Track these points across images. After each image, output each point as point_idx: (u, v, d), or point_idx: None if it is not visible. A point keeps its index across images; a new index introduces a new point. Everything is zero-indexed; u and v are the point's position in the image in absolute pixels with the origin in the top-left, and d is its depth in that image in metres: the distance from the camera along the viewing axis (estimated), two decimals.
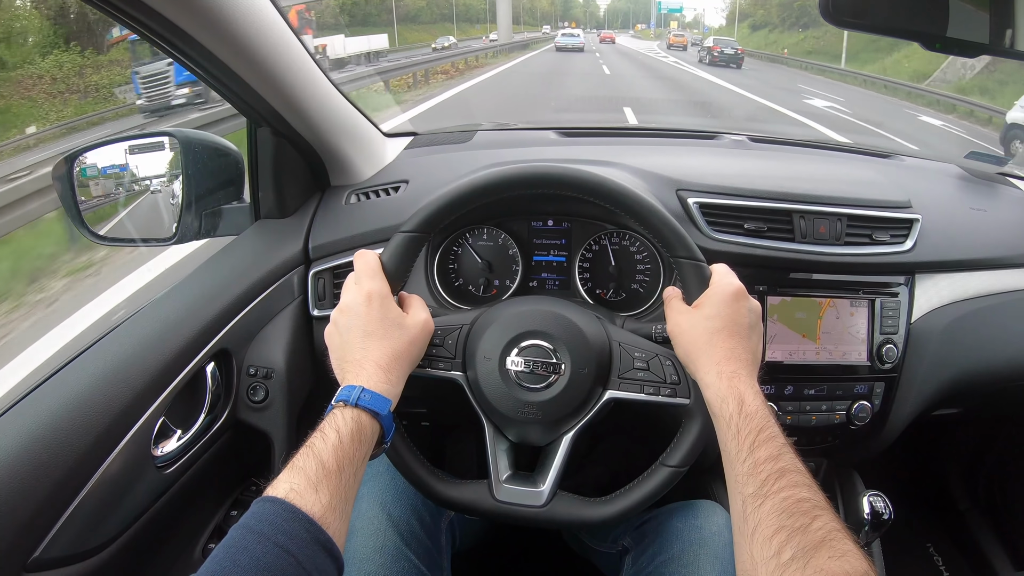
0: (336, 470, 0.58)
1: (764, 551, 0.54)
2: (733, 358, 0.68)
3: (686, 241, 0.76)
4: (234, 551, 0.51)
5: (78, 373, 0.75)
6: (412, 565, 0.79)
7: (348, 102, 1.07)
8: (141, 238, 1.08)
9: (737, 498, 0.61)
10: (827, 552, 0.52)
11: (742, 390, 0.65)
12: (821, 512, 0.55)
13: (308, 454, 0.59)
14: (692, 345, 0.71)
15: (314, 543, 0.53)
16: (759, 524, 0.56)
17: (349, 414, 0.62)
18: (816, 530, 0.54)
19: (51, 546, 0.66)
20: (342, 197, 1.09)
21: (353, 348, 0.69)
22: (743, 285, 0.73)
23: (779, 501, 0.56)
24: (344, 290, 0.74)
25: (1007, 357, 1.09)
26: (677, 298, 0.77)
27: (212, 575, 0.49)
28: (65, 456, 0.66)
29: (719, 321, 0.70)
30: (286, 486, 0.56)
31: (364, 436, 0.63)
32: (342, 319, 0.71)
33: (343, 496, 0.58)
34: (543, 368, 0.75)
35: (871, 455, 1.11)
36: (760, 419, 0.63)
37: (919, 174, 1.35)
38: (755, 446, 0.61)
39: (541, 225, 1.07)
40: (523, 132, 1.44)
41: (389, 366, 0.68)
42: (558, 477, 0.76)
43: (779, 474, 0.58)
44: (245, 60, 0.83)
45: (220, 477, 1.00)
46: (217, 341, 0.88)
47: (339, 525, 0.57)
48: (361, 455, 0.62)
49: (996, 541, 1.47)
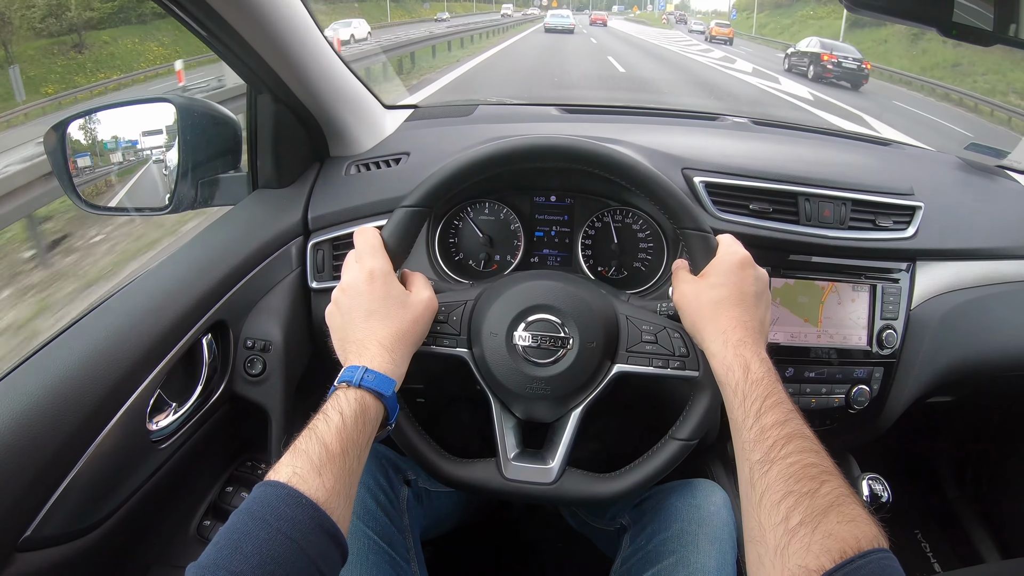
0: (340, 453, 0.57)
1: (772, 516, 0.54)
2: (739, 326, 0.67)
3: (692, 212, 0.75)
4: (237, 537, 0.50)
5: (71, 345, 0.72)
6: (372, 542, 0.78)
7: (350, 72, 1.05)
8: (135, 207, 1.06)
9: (744, 465, 0.60)
10: (836, 516, 0.51)
11: (748, 357, 0.65)
12: (829, 477, 0.55)
13: (311, 437, 0.57)
14: (698, 314, 0.70)
15: (318, 529, 0.52)
16: (767, 490, 0.55)
17: (352, 395, 0.61)
18: (824, 495, 0.53)
19: (43, 524, 0.64)
20: (342, 168, 1.07)
21: (355, 328, 0.68)
22: (749, 254, 0.72)
23: (786, 466, 0.56)
24: (345, 268, 0.72)
25: (1002, 346, 1.10)
26: (684, 269, 0.76)
27: (214, 563, 0.48)
28: (57, 431, 0.64)
29: (725, 290, 0.70)
30: (288, 470, 0.54)
31: (368, 418, 0.61)
32: (343, 299, 0.70)
33: (347, 480, 0.57)
34: (551, 342, 0.74)
35: (868, 439, 1.12)
36: (767, 385, 0.62)
37: (920, 163, 1.35)
38: (761, 412, 0.60)
39: (544, 200, 1.06)
40: (524, 108, 1.43)
41: (393, 346, 0.67)
42: (567, 454, 0.76)
43: (786, 439, 0.58)
44: (249, 21, 0.81)
45: (216, 452, 0.98)
46: (214, 312, 0.86)
47: (343, 510, 0.56)
48: (365, 437, 0.61)
49: (983, 529, 1.49)
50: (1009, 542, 1.44)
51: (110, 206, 1.03)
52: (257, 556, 0.49)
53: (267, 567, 0.48)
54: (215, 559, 0.49)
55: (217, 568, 0.48)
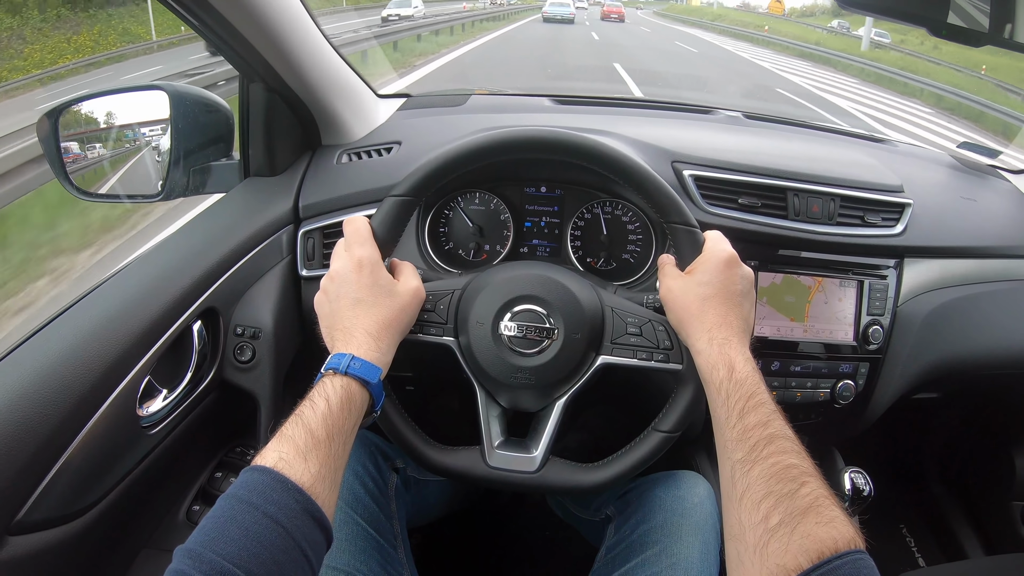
0: (325, 439, 0.58)
1: (752, 516, 0.55)
2: (725, 324, 0.68)
3: (680, 207, 0.75)
4: (223, 521, 0.51)
5: (62, 330, 0.73)
6: (360, 528, 0.79)
7: (342, 60, 1.05)
8: (127, 195, 1.06)
9: (726, 463, 0.61)
10: (814, 518, 0.53)
11: (732, 356, 0.65)
12: (809, 478, 0.56)
13: (297, 423, 0.58)
14: (684, 311, 0.71)
15: (303, 513, 0.53)
16: (747, 489, 0.57)
17: (339, 382, 0.62)
18: (804, 496, 0.54)
19: (34, 508, 0.65)
20: (333, 156, 1.07)
21: (343, 316, 0.68)
22: (735, 252, 0.73)
23: (767, 467, 0.57)
24: (334, 257, 0.73)
25: (988, 345, 1.10)
26: (671, 264, 0.77)
27: (200, 546, 0.49)
28: (49, 416, 0.65)
29: (711, 288, 0.70)
30: (275, 455, 0.55)
31: (354, 405, 0.62)
32: (332, 286, 0.71)
33: (332, 466, 0.58)
34: (536, 333, 0.75)
35: (853, 434, 1.13)
36: (750, 385, 0.63)
37: (911, 160, 1.35)
38: (744, 412, 0.61)
39: (534, 191, 1.06)
40: (517, 98, 1.43)
41: (379, 334, 0.67)
42: (550, 443, 0.77)
43: (767, 440, 0.59)
44: (241, 10, 0.81)
45: (205, 438, 0.99)
46: (204, 299, 0.87)
47: (328, 495, 0.56)
48: (351, 424, 0.62)
49: (968, 524, 1.50)
50: (993, 538, 1.46)
51: (102, 193, 1.04)
52: (243, 539, 0.49)
53: (253, 550, 0.49)
54: (202, 542, 0.49)
55: (204, 551, 0.48)
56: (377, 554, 0.78)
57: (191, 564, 0.47)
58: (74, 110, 0.98)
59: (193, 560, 0.48)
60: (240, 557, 0.48)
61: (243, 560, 0.48)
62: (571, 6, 25.90)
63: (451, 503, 1.13)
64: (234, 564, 0.47)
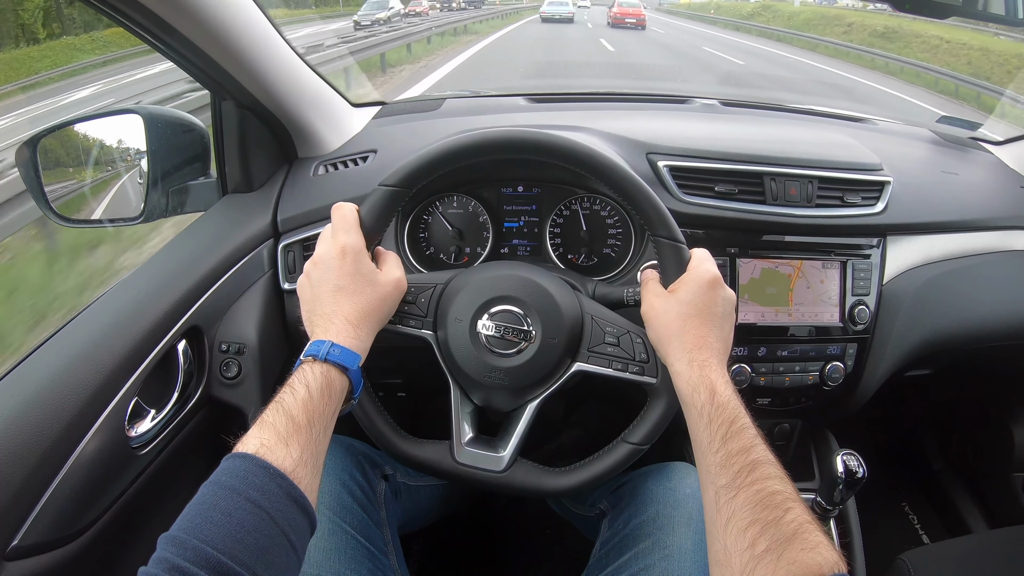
0: (306, 424, 0.58)
1: (738, 543, 0.56)
2: (704, 346, 0.69)
3: (668, 221, 0.75)
4: (205, 508, 0.51)
5: (47, 358, 0.73)
6: (349, 537, 0.79)
7: (313, 72, 1.06)
8: (108, 219, 1.07)
9: (709, 487, 0.62)
10: (799, 544, 0.54)
11: (713, 379, 0.66)
12: (793, 504, 0.57)
13: (277, 409, 0.59)
14: (665, 329, 0.71)
15: (286, 498, 0.53)
16: (732, 515, 0.58)
17: (318, 368, 0.63)
18: (788, 523, 0.55)
19: (29, 533, 0.65)
20: (310, 169, 1.08)
21: (323, 302, 0.69)
22: (720, 274, 0.73)
23: (752, 494, 0.58)
24: (319, 242, 0.74)
25: (978, 318, 1.10)
26: (654, 280, 0.77)
27: (184, 532, 0.49)
28: (40, 441, 0.66)
29: (693, 307, 0.71)
30: (256, 441, 0.56)
31: (333, 391, 0.63)
32: (315, 271, 0.72)
33: (313, 451, 0.58)
34: (513, 334, 0.75)
35: (845, 415, 1.12)
36: (732, 409, 0.64)
37: (891, 138, 1.35)
38: (727, 437, 0.62)
39: (511, 191, 1.06)
40: (492, 99, 1.43)
41: (358, 322, 0.68)
42: (519, 444, 0.77)
43: (751, 467, 0.60)
44: (204, 31, 0.81)
45: (196, 457, 0.99)
46: (188, 318, 0.87)
47: (310, 480, 0.57)
48: (331, 410, 0.62)
49: (970, 499, 1.50)
50: (996, 511, 1.46)
51: (83, 218, 1.05)
52: (227, 525, 0.49)
53: (236, 535, 0.49)
54: (185, 529, 0.49)
55: (188, 538, 0.48)
56: (368, 562, 0.78)
57: (175, 551, 0.47)
58: (52, 137, 0.99)
59: (177, 547, 0.48)
60: (224, 543, 0.48)
61: (227, 546, 0.48)
62: (570, 5, 25.56)
63: (446, 507, 1.13)
64: (218, 550, 0.47)
